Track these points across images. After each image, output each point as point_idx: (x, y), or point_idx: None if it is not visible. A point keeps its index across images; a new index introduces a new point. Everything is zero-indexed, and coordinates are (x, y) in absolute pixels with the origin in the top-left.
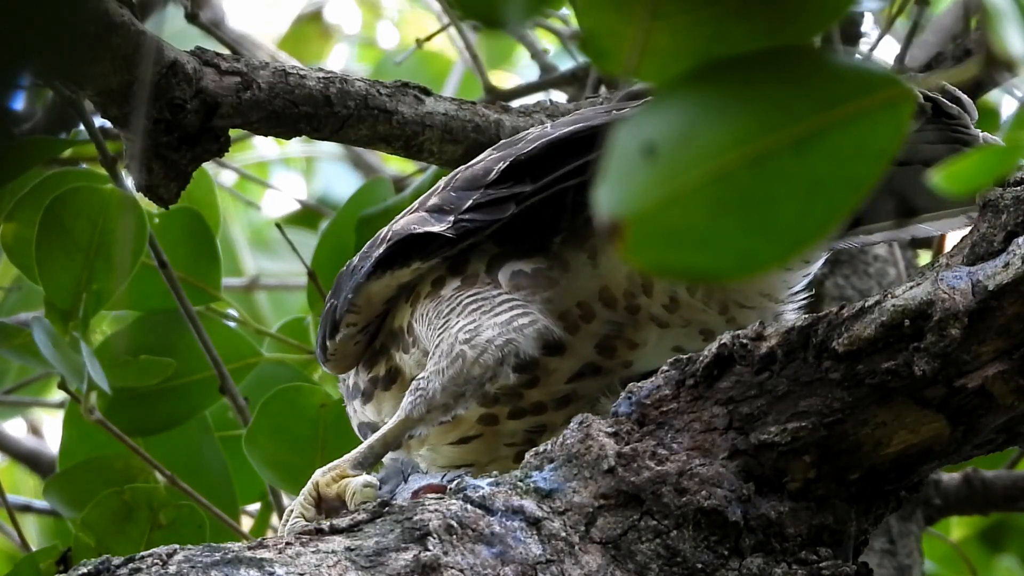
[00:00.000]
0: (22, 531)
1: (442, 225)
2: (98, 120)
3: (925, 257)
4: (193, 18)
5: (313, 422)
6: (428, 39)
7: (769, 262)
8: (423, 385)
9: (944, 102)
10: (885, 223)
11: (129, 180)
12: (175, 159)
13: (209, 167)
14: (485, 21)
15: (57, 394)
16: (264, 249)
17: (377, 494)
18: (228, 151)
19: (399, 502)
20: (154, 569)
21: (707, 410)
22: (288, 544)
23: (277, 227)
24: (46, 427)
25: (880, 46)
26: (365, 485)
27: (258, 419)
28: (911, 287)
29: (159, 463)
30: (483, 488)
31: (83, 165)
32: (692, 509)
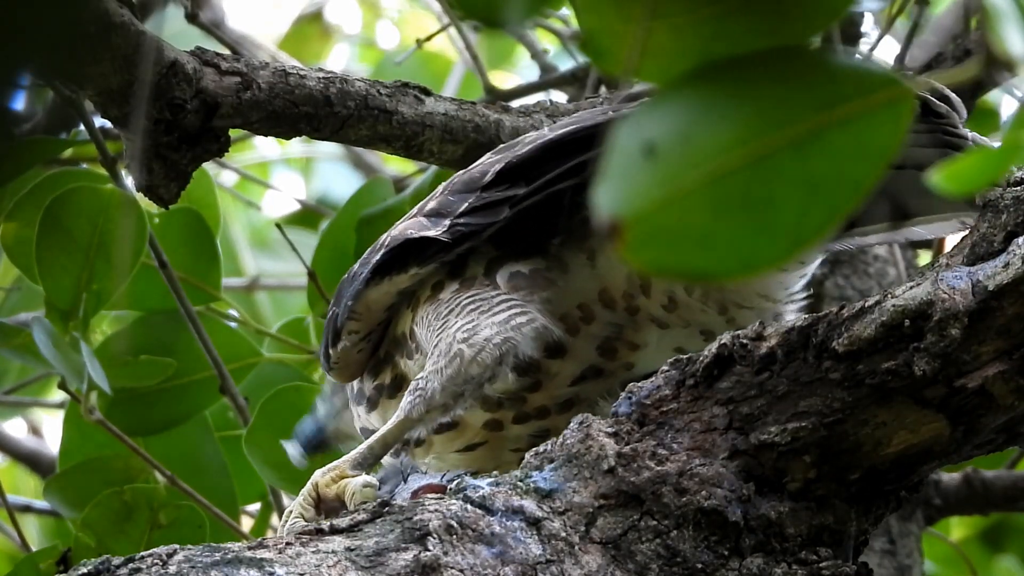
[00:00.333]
0: (22, 531)
1: (438, 229)
2: (98, 120)
3: (925, 257)
4: (193, 18)
5: None
6: (428, 39)
7: (769, 262)
8: (422, 385)
9: (933, 101)
10: (879, 225)
11: (129, 180)
12: (175, 159)
13: (209, 167)
14: (485, 21)
15: (57, 394)
16: (264, 249)
17: (377, 494)
18: (228, 151)
19: (399, 502)
20: (154, 569)
21: (707, 410)
22: (288, 544)
23: (277, 227)
24: (46, 427)
25: (880, 46)
26: (365, 485)
27: (258, 419)
28: (911, 287)
29: (159, 463)
30: (483, 488)
31: (83, 165)
32: (692, 509)
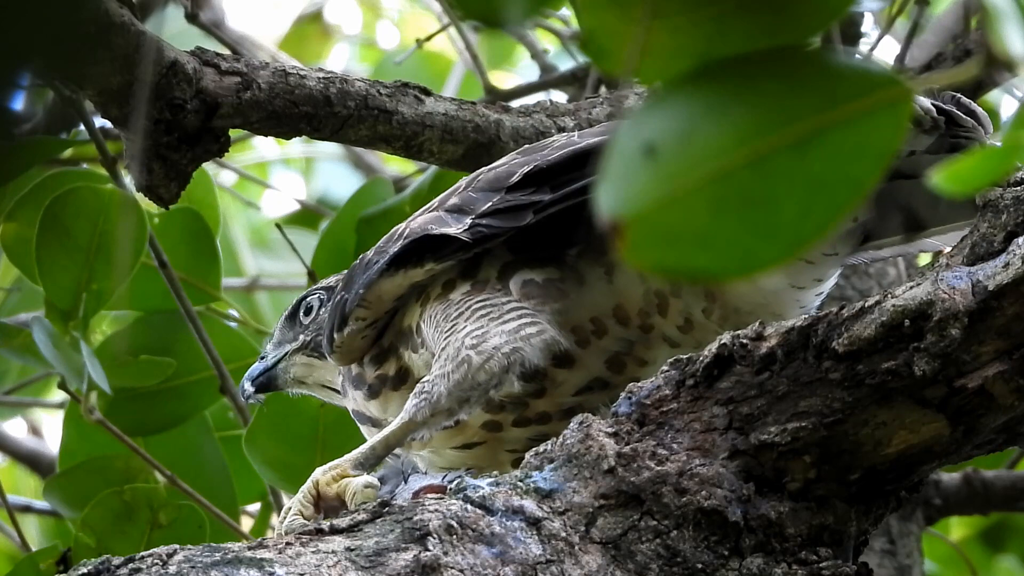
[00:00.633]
0: (22, 531)
1: (459, 227)
2: (98, 120)
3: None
4: (193, 18)
5: (313, 422)
6: (428, 39)
7: (769, 262)
8: (428, 389)
9: (958, 114)
10: (894, 238)
11: (129, 180)
12: (175, 159)
13: (209, 167)
14: (485, 21)
15: (57, 394)
16: (264, 249)
17: (377, 494)
18: (228, 151)
19: (399, 502)
20: (154, 569)
21: (707, 410)
22: (288, 544)
23: (277, 227)
24: (46, 427)
25: (880, 46)
26: (366, 485)
27: (258, 419)
28: (911, 287)
29: (159, 463)
30: (483, 488)
31: (83, 165)
32: (692, 509)
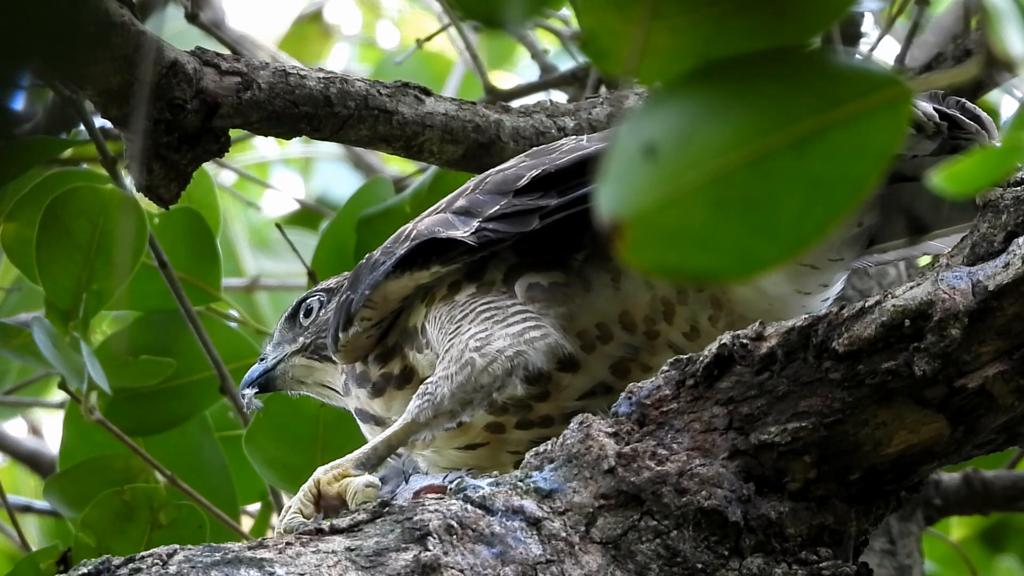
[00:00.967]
0: (22, 531)
1: (465, 230)
2: (98, 120)
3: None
4: (193, 18)
5: (313, 422)
6: (428, 39)
7: (769, 262)
8: (431, 390)
9: (961, 118)
10: (898, 241)
11: (129, 180)
12: (175, 159)
13: (209, 167)
14: (485, 21)
15: (57, 394)
16: (264, 249)
17: (378, 494)
18: (228, 151)
19: (399, 502)
20: (154, 569)
21: (707, 410)
22: (288, 544)
23: (277, 227)
24: (46, 427)
25: (880, 46)
26: (367, 485)
27: (258, 419)
28: (911, 287)
29: (159, 463)
30: (483, 488)
31: (83, 165)
32: (692, 509)
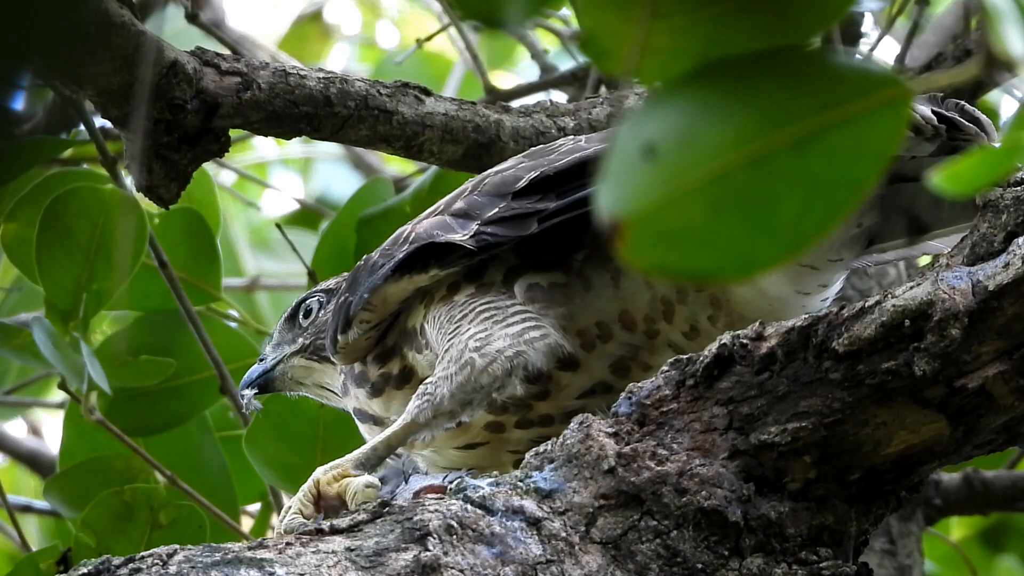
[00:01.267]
0: (22, 531)
1: (464, 233)
2: (98, 120)
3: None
4: (193, 18)
5: (313, 422)
6: (428, 39)
7: (769, 262)
8: (431, 390)
9: (960, 120)
10: (898, 241)
11: (129, 180)
12: (175, 159)
13: (209, 167)
14: (485, 21)
15: (57, 394)
16: (264, 249)
17: (378, 494)
18: (228, 151)
19: (399, 502)
20: (154, 569)
21: (707, 410)
22: (288, 544)
23: (277, 227)
24: (46, 427)
25: (880, 46)
26: (367, 485)
27: (258, 419)
28: (911, 287)
29: (159, 463)
30: (483, 488)
31: (83, 165)
32: (692, 509)
